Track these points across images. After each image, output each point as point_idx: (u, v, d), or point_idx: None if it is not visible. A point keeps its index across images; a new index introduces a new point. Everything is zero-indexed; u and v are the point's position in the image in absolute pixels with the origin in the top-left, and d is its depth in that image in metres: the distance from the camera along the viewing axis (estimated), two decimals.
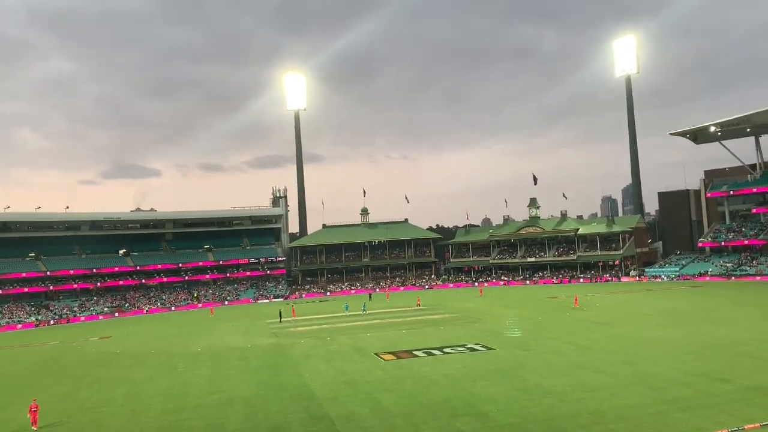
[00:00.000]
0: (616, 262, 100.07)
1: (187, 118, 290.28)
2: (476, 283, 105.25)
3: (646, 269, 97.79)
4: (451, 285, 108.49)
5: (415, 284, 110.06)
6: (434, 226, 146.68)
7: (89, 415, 27.49)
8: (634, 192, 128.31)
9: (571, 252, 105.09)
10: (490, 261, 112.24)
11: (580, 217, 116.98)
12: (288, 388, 29.91)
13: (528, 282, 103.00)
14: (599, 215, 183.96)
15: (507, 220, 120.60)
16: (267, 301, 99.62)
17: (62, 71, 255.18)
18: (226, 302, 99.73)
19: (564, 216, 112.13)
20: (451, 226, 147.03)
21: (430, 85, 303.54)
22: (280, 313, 67.34)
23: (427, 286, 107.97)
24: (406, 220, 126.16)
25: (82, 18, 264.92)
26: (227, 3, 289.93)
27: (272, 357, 40.49)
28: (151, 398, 30.14)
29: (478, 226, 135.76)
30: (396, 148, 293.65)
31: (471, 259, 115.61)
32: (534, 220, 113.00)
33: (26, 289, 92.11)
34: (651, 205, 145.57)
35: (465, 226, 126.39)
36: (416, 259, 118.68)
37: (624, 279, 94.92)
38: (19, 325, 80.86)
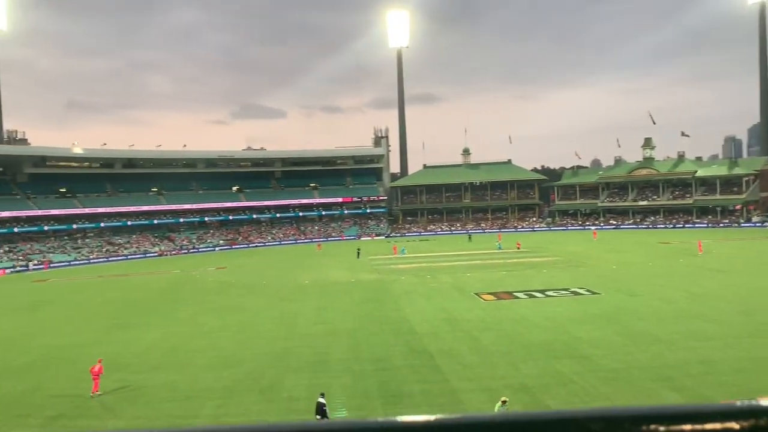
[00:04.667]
0: (738, 207, 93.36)
1: (306, 62, 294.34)
2: (585, 227, 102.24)
3: None
4: (556, 228, 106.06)
5: (517, 226, 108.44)
6: (539, 168, 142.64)
7: (207, 338, 29.80)
8: (761, 132, 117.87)
9: (688, 195, 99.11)
10: (599, 204, 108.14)
11: (698, 159, 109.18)
12: (389, 323, 30.85)
13: (639, 226, 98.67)
14: (720, 157, 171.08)
15: (618, 162, 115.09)
16: (369, 238, 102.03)
17: (188, 21, 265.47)
18: (331, 239, 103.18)
19: (681, 157, 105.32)
20: (557, 168, 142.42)
21: (536, 27, 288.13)
22: (359, 251, 71.13)
23: (529, 229, 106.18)
24: (510, 160, 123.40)
25: None
26: None
27: (374, 292, 41.76)
28: (262, 325, 32.17)
29: (587, 167, 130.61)
30: (501, 88, 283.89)
31: (578, 201, 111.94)
32: (648, 162, 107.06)
33: (153, 221, 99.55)
34: None
35: (572, 168, 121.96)
36: (519, 201, 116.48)
37: (745, 225, 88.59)
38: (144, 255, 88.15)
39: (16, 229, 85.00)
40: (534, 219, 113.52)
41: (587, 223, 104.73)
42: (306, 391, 20.33)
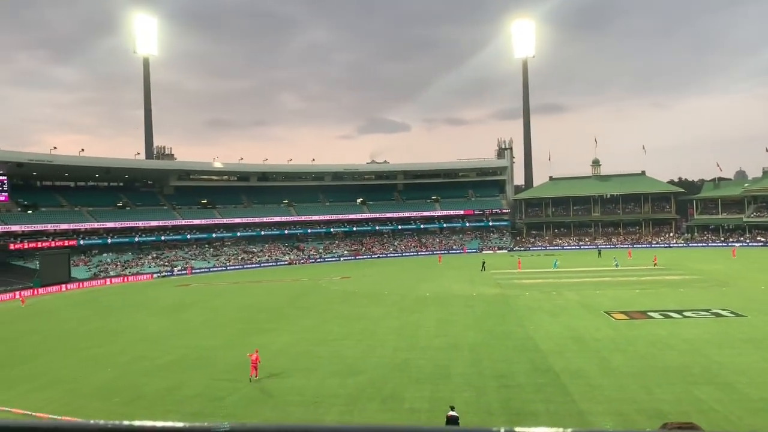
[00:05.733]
0: None
1: (430, 76, 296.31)
2: (728, 243, 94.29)
3: None
4: (695, 244, 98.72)
5: (651, 242, 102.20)
6: (676, 180, 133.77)
7: (332, 346, 30.72)
8: None
9: None
10: (744, 219, 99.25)
11: None
12: (512, 339, 30.15)
13: None
14: None
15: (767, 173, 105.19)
16: (491, 252, 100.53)
17: (317, 41, 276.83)
18: (452, 251, 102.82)
19: None
20: (696, 180, 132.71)
21: (674, 30, 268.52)
22: (484, 263, 70.31)
23: (665, 244, 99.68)
24: (643, 172, 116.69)
25: None
26: None
27: (497, 307, 41.02)
28: (384, 335, 32.63)
29: (730, 179, 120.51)
30: (633, 96, 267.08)
31: (720, 216, 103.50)
32: None
33: (284, 231, 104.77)
34: None
35: (714, 180, 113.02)
36: (654, 215, 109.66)
37: None
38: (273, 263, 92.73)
39: (162, 238, 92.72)
40: (670, 234, 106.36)
41: (730, 240, 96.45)
42: (427, 403, 20.35)
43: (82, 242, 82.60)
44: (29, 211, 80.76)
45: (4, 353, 32.46)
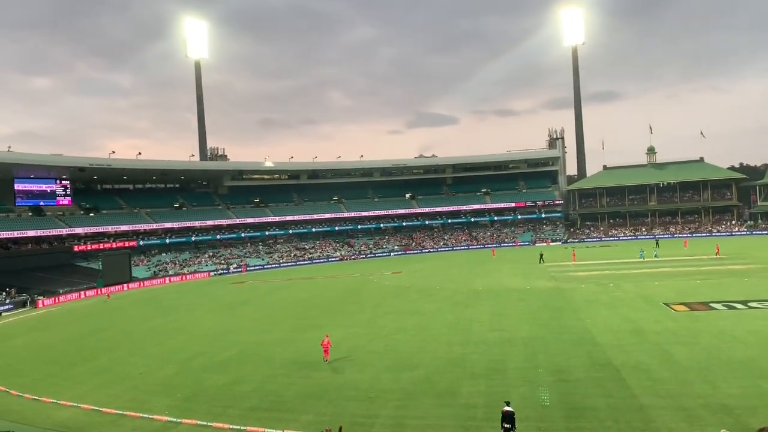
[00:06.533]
0: None
1: (477, 67, 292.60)
2: None
3: None
4: (759, 232, 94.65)
5: (711, 230, 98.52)
6: (737, 165, 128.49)
7: (385, 340, 30.85)
8: None
9: None
10: None
11: None
12: (569, 332, 29.60)
13: None
14: None
15: None
16: (544, 244, 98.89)
17: (363, 38, 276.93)
18: (504, 244, 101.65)
19: None
20: (759, 165, 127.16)
21: (729, 11, 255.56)
22: (541, 255, 69.58)
23: (727, 233, 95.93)
24: (702, 159, 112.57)
25: None
26: None
27: (552, 300, 40.32)
28: (438, 330, 32.55)
29: None
30: (689, 80, 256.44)
31: None
32: None
33: (335, 228, 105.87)
34: None
35: None
36: (713, 203, 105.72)
37: None
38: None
39: (218, 236, 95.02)
40: (732, 222, 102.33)
41: None
42: (483, 398, 20.18)
43: (141, 243, 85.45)
44: (91, 214, 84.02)
45: (75, 351, 33.94)
